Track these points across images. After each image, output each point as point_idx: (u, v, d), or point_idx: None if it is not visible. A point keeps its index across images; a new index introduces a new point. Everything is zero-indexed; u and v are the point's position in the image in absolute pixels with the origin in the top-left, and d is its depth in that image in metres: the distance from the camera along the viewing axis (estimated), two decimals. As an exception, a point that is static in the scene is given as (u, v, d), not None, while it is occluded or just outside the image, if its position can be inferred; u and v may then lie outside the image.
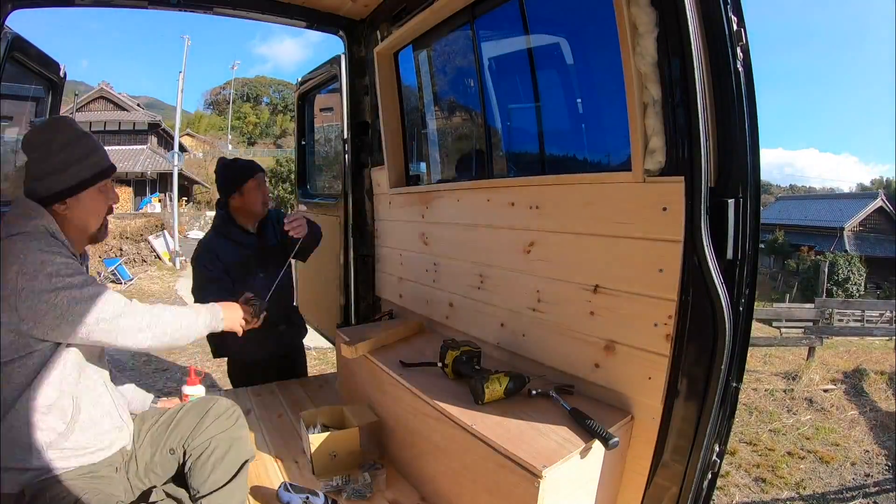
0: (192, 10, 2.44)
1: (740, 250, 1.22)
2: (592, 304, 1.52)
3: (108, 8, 2.49)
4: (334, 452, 1.83)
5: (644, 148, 1.33)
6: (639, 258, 1.38)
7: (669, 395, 1.31)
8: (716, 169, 1.25)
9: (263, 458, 1.95)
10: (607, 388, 1.49)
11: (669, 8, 1.22)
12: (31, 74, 2.65)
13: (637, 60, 1.30)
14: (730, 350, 1.20)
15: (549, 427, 1.38)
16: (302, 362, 2.87)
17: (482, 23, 2.10)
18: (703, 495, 1.31)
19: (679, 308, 1.28)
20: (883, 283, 21.96)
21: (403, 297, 2.62)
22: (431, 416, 1.60)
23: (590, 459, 1.33)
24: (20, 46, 2.36)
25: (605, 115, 1.78)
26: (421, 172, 2.76)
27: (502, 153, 2.29)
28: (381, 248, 2.87)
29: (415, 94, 2.69)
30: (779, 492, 3.74)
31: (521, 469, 1.25)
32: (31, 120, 2.87)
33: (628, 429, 1.42)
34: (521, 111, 2.06)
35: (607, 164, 1.78)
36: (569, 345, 1.62)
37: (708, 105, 1.21)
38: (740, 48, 1.19)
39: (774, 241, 25.94)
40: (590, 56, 1.83)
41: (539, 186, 1.75)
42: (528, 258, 1.77)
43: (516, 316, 1.84)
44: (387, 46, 2.52)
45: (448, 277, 2.23)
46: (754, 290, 1.26)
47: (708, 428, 1.24)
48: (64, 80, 2.87)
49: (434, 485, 1.66)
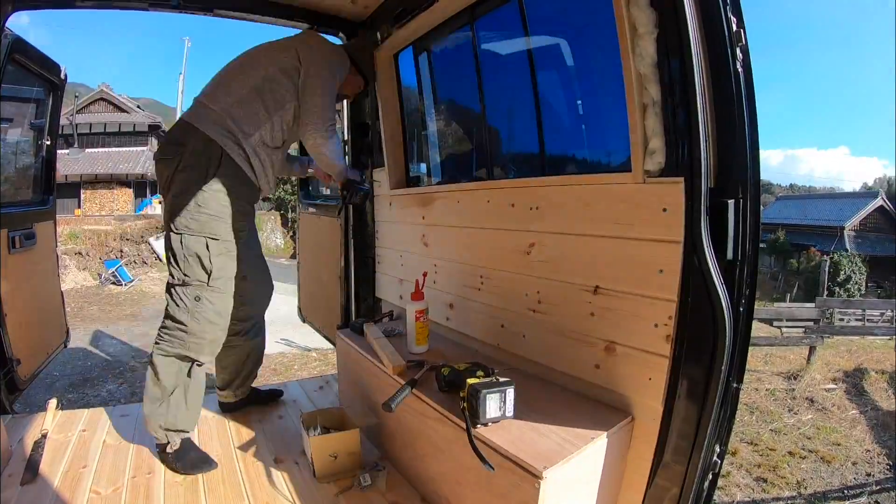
0: (192, 12, 2.44)
1: (740, 250, 1.22)
2: (593, 305, 1.53)
3: (109, 10, 2.49)
4: (335, 454, 1.83)
5: (644, 149, 1.33)
6: (639, 259, 1.38)
7: (670, 396, 1.31)
8: (716, 169, 1.25)
9: (264, 459, 1.95)
10: (608, 389, 1.49)
11: (669, 9, 1.22)
12: (31, 76, 2.65)
13: (637, 61, 1.30)
14: (730, 350, 1.20)
15: (549, 427, 1.38)
16: None
17: (482, 24, 2.10)
18: (704, 496, 1.31)
19: (679, 309, 1.28)
20: (884, 282, 21.95)
21: (404, 298, 2.62)
22: (432, 417, 1.60)
23: (590, 460, 1.33)
24: (21, 48, 2.36)
25: (604, 116, 1.78)
26: (421, 174, 2.77)
27: (502, 154, 2.29)
28: (381, 249, 2.87)
29: (415, 96, 2.69)
30: (780, 492, 3.74)
31: (521, 470, 1.25)
32: (32, 122, 2.88)
33: (629, 429, 1.42)
34: (521, 112, 2.06)
35: (607, 164, 1.79)
36: (569, 346, 1.62)
37: (708, 106, 1.21)
38: (740, 49, 1.19)
39: (775, 241, 25.93)
40: (589, 57, 1.83)
41: (539, 187, 1.75)
42: (528, 259, 1.77)
43: (516, 317, 1.84)
44: (387, 48, 2.52)
45: (448, 278, 2.23)
46: (755, 290, 1.25)
47: (709, 428, 1.24)
48: (64, 81, 2.88)
49: (434, 486, 1.67)
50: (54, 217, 2.99)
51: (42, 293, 2.84)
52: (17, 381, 2.38)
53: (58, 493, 1.70)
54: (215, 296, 1.87)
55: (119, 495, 1.70)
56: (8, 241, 2.38)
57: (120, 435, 2.11)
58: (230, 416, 2.30)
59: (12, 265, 2.39)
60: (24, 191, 2.87)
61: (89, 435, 2.11)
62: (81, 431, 2.14)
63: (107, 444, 2.03)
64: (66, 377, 5.26)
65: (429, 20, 2.23)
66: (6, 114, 2.69)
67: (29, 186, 2.89)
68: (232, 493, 1.74)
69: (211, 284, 1.85)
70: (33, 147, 2.91)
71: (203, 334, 1.86)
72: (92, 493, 1.71)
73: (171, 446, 1.86)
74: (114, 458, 1.93)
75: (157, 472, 1.85)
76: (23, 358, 2.41)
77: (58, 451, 1.96)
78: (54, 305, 2.99)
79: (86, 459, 1.92)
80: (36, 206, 2.83)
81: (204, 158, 1.83)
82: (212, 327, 1.88)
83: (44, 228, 2.78)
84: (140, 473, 1.83)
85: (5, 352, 2.29)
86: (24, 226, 2.56)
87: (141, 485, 1.77)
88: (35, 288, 2.73)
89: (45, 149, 2.89)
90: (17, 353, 2.36)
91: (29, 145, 2.92)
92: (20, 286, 2.49)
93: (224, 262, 1.88)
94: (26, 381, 2.48)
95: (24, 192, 2.87)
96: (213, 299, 1.87)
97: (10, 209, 2.50)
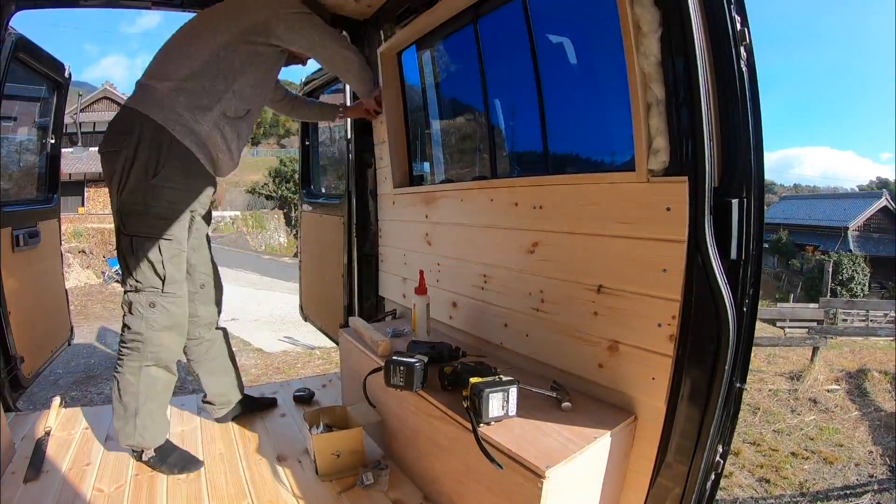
0: (195, 11, 2.44)
1: (744, 250, 1.22)
2: (596, 305, 1.52)
3: (112, 8, 2.50)
4: (337, 452, 1.83)
5: (648, 148, 1.33)
6: (642, 258, 1.37)
7: (673, 396, 1.31)
8: (719, 169, 1.25)
9: (267, 457, 1.96)
10: (611, 389, 1.49)
11: (673, 8, 1.21)
12: (35, 75, 2.66)
13: (640, 60, 1.30)
14: (733, 350, 1.20)
15: (552, 427, 1.38)
16: None
17: (485, 23, 2.10)
18: (707, 496, 1.31)
19: (683, 308, 1.27)
20: (887, 282, 21.86)
21: (407, 297, 2.62)
22: (435, 415, 1.61)
23: (593, 459, 1.33)
24: (24, 47, 2.37)
25: (608, 115, 1.78)
26: (424, 172, 2.77)
27: (505, 153, 2.29)
28: (384, 248, 2.87)
29: (418, 94, 2.69)
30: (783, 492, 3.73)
31: (524, 469, 1.25)
32: (36, 121, 2.89)
33: (632, 429, 1.42)
34: (525, 111, 2.06)
35: (611, 163, 1.78)
36: (572, 345, 1.62)
37: (711, 105, 1.21)
38: (744, 48, 1.18)
39: (778, 241, 25.87)
40: (593, 56, 1.83)
41: (542, 186, 1.75)
42: (531, 258, 1.77)
43: (520, 316, 1.84)
44: (390, 46, 2.52)
45: (451, 277, 2.23)
46: (758, 290, 1.25)
47: (711, 428, 1.23)
48: (69, 80, 2.88)
49: (437, 485, 1.67)
50: (58, 215, 3.00)
51: (46, 291, 2.85)
52: (20, 379, 2.39)
53: (61, 491, 1.71)
54: (169, 300, 1.78)
55: (122, 493, 1.71)
56: (12, 239, 2.39)
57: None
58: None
59: (17, 263, 2.40)
60: (29, 189, 2.88)
61: (93, 432, 2.12)
62: (85, 429, 2.15)
63: (110, 442, 2.03)
64: (70, 375, 5.28)
65: (432, 19, 2.23)
66: (10, 113, 2.70)
67: (33, 185, 2.90)
68: (234, 491, 1.75)
69: (166, 290, 1.76)
70: (37, 146, 2.93)
71: (160, 342, 1.78)
72: (95, 491, 1.72)
73: (146, 454, 1.83)
74: (117, 455, 1.94)
75: (160, 470, 1.85)
76: (26, 356, 2.42)
77: (61, 449, 1.97)
78: (58, 303, 3.00)
79: (89, 457, 1.93)
80: (40, 204, 2.84)
81: (153, 150, 1.68)
82: (169, 334, 1.80)
83: (48, 227, 2.79)
84: (143, 471, 1.84)
85: (9, 349, 2.30)
86: (28, 224, 2.57)
87: (144, 482, 1.77)
88: (39, 286, 2.74)
89: (49, 147, 2.90)
90: (21, 351, 2.37)
91: (33, 144, 2.93)
92: (24, 284, 2.49)
93: (177, 264, 1.79)
94: (30, 378, 2.49)
95: (28, 190, 2.88)
96: (167, 305, 1.78)
97: (14, 207, 2.52)
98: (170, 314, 1.78)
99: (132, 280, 1.75)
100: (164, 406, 1.89)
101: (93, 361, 5.88)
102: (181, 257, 1.81)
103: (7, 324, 2.28)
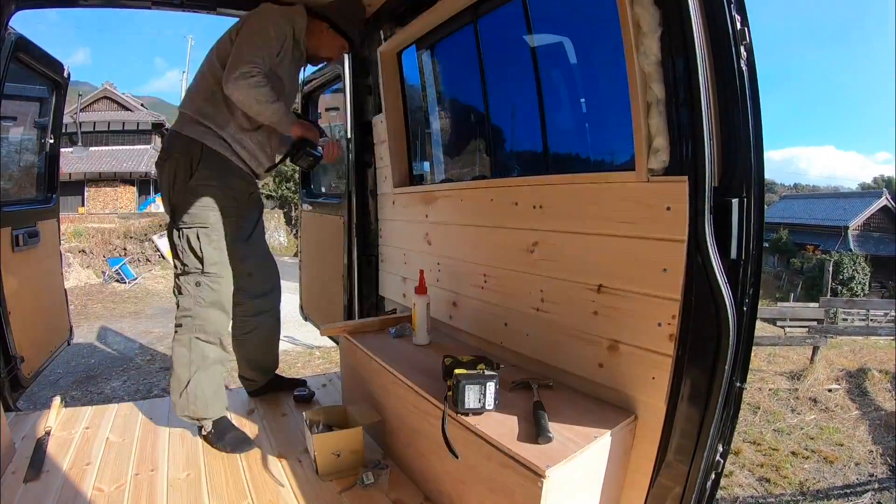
0: (195, 11, 2.44)
1: (744, 250, 1.22)
2: (596, 304, 1.52)
3: (112, 8, 2.50)
4: (338, 452, 1.83)
5: (648, 147, 1.33)
6: (642, 258, 1.37)
7: (673, 395, 1.31)
8: (720, 168, 1.25)
9: (267, 456, 1.96)
10: (611, 388, 1.49)
11: (673, 7, 1.21)
12: (35, 75, 2.66)
13: (640, 60, 1.30)
14: (733, 350, 1.20)
15: (552, 426, 1.38)
16: None
17: (485, 22, 2.10)
18: (707, 495, 1.31)
19: (683, 308, 1.27)
20: (887, 282, 21.84)
21: (407, 296, 2.62)
22: (434, 415, 1.60)
23: (594, 459, 1.33)
24: (24, 47, 2.37)
25: (608, 115, 1.78)
26: (424, 172, 2.77)
27: (505, 152, 2.29)
28: (384, 247, 2.87)
29: (418, 94, 2.70)
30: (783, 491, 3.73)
31: (524, 469, 1.25)
32: (35, 120, 2.89)
33: (632, 429, 1.42)
34: (525, 111, 2.06)
35: (611, 163, 1.78)
36: (572, 344, 1.62)
37: (711, 104, 1.21)
38: (744, 47, 1.18)
39: (778, 241, 25.85)
40: (593, 55, 1.83)
41: (542, 186, 1.75)
42: (531, 258, 1.77)
43: (520, 315, 1.84)
44: (390, 46, 2.52)
45: (451, 277, 2.23)
46: (758, 289, 1.25)
47: (712, 428, 1.23)
48: (68, 80, 2.88)
49: (437, 484, 1.67)
50: (58, 215, 3.00)
51: (46, 291, 2.86)
52: (20, 379, 2.39)
53: (61, 491, 1.71)
54: (213, 279, 1.99)
55: (122, 492, 1.71)
56: (12, 239, 2.39)
57: (123, 432, 2.12)
58: (234, 413, 2.30)
59: (16, 263, 2.41)
60: (28, 189, 2.88)
61: (93, 432, 2.12)
62: (85, 429, 2.15)
63: (110, 442, 2.04)
64: (70, 374, 5.28)
65: (432, 19, 2.23)
66: (10, 112, 2.70)
67: (32, 185, 2.90)
68: (234, 490, 1.75)
69: (206, 271, 1.98)
70: (37, 145, 2.93)
71: (207, 316, 1.99)
72: (95, 490, 1.72)
73: (203, 429, 2.03)
74: (117, 455, 1.94)
75: (160, 469, 1.85)
76: (26, 355, 2.42)
77: (61, 449, 1.97)
78: (58, 303, 3.00)
79: (89, 456, 1.93)
80: (39, 204, 2.84)
81: (188, 157, 1.96)
82: (213, 310, 2.00)
83: (47, 227, 2.79)
84: (143, 470, 1.84)
85: (9, 349, 2.30)
86: (27, 224, 2.57)
87: (144, 482, 1.77)
88: (39, 286, 2.74)
89: (48, 147, 2.90)
90: (21, 351, 2.37)
91: (32, 144, 2.93)
92: (24, 284, 2.49)
93: (216, 248, 2.00)
94: (30, 378, 2.50)
95: (27, 190, 2.88)
96: (212, 284, 1.99)
97: (13, 207, 2.52)
98: (213, 292, 2.00)
99: (180, 264, 2.01)
100: (217, 380, 2.05)
101: (93, 361, 5.88)
102: (220, 243, 2.02)
103: (7, 324, 2.28)
